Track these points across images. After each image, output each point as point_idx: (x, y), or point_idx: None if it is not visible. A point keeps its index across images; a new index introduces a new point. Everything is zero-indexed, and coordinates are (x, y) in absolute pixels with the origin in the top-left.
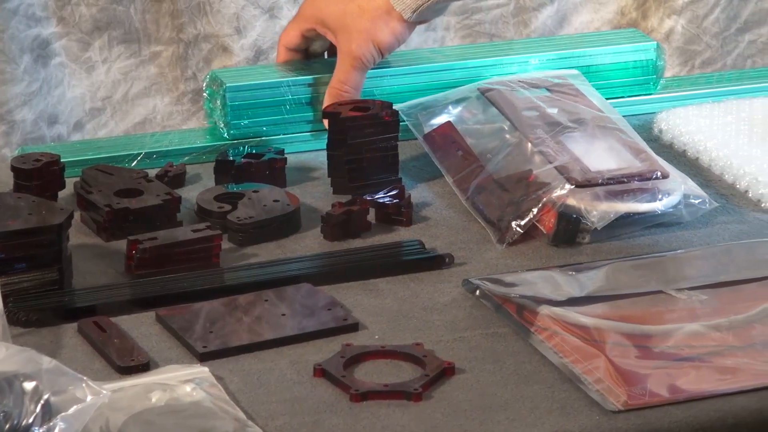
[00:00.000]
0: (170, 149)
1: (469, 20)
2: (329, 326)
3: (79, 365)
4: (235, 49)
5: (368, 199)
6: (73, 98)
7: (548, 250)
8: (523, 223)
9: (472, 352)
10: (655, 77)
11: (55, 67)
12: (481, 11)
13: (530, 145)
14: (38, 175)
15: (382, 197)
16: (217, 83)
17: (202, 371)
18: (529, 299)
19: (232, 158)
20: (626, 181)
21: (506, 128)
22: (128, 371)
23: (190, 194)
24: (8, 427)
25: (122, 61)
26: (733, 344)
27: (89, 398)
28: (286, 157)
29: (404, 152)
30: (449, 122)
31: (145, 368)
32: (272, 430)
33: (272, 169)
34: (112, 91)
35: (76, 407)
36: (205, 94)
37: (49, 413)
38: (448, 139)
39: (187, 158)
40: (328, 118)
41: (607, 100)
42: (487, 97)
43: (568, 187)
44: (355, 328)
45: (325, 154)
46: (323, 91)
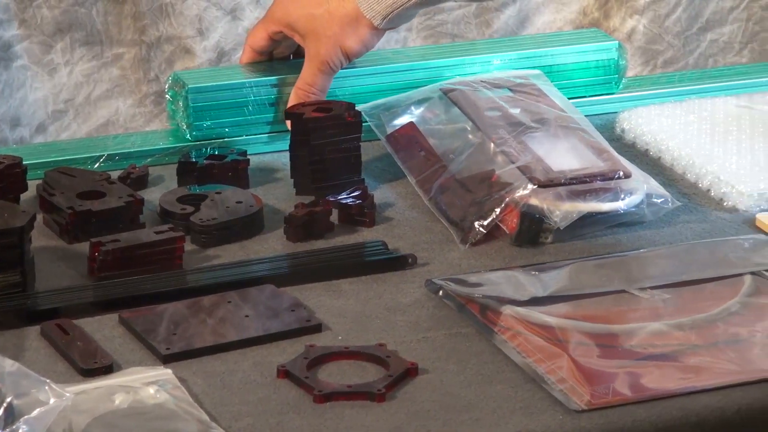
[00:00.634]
0: (133, 151)
1: (431, 21)
2: (293, 327)
3: (42, 368)
4: (197, 50)
5: (331, 200)
6: (35, 101)
7: (511, 250)
8: (485, 223)
9: (435, 352)
10: (617, 77)
11: (17, 69)
12: (443, 12)
13: (493, 145)
14: (0, 177)
15: (345, 198)
16: (179, 85)
17: (165, 373)
18: (492, 299)
19: (194, 160)
20: (589, 180)
21: (469, 128)
22: (91, 374)
23: (152, 196)
24: None
25: (84, 63)
26: (695, 343)
27: (52, 401)
28: (248, 158)
29: (367, 153)
30: (412, 123)
31: (108, 370)
32: (236, 431)
33: (235, 170)
34: (74, 93)
35: (39, 410)
36: (167, 95)
37: (12, 416)
38: (410, 139)
39: (149, 160)
40: (290, 119)
41: (569, 99)
42: (449, 97)
43: (530, 187)
44: (318, 329)
45: (287, 155)
46: (286, 92)
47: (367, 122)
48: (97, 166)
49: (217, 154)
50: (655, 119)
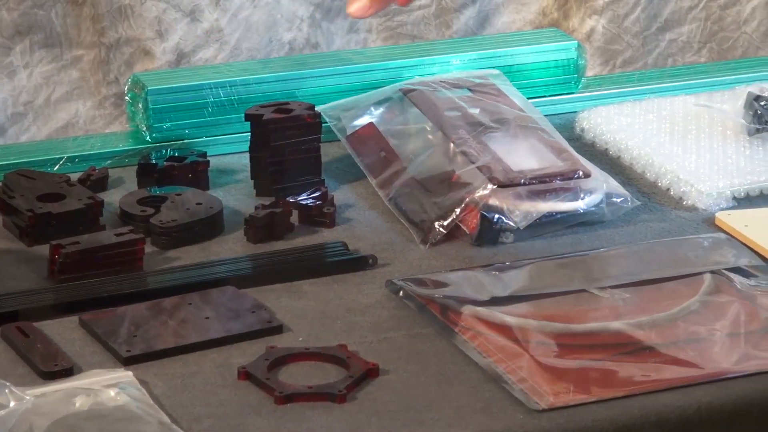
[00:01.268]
0: (92, 153)
1: (391, 22)
2: (253, 329)
3: (1, 371)
4: (156, 52)
5: (291, 200)
6: None
7: (471, 250)
8: (446, 223)
9: (395, 353)
10: (576, 76)
11: None
12: (403, 13)
13: (452, 145)
14: None
15: (305, 199)
16: (139, 87)
17: (126, 375)
18: (452, 299)
19: (154, 161)
20: (548, 180)
21: (428, 129)
22: (52, 376)
23: (112, 198)
24: None
25: (44, 65)
26: (655, 342)
27: (12, 404)
28: (208, 159)
29: (327, 154)
30: (371, 123)
31: (68, 373)
32: None
33: (195, 171)
34: (34, 95)
35: None
36: (127, 97)
37: None
38: (370, 140)
39: (109, 162)
40: (250, 120)
41: (529, 99)
42: (408, 97)
43: (490, 187)
44: (279, 330)
45: (247, 156)
46: (245, 93)
47: (327, 123)
48: (57, 168)
49: (177, 155)
50: (614, 119)
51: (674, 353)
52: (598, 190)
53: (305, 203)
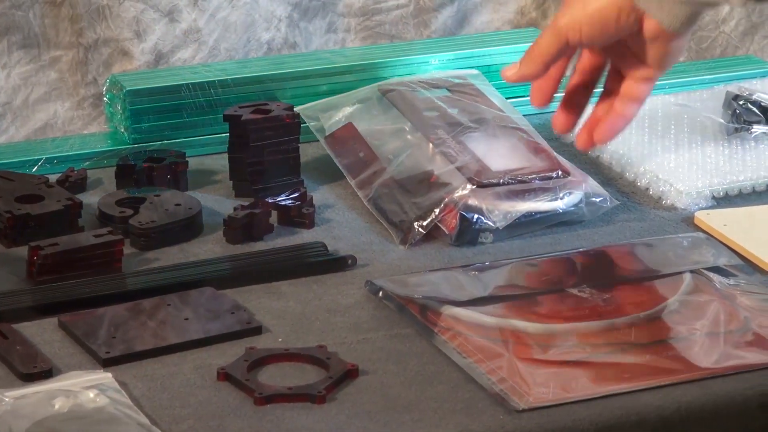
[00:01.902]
0: (71, 154)
1: (369, 21)
2: (233, 330)
3: None
4: (135, 53)
5: (270, 201)
6: None
7: (451, 250)
8: (425, 223)
9: (375, 353)
10: None
11: None
12: (381, 12)
13: (431, 145)
14: None
15: (284, 199)
16: (117, 87)
17: (105, 377)
18: (432, 300)
19: (133, 162)
20: (527, 180)
21: (407, 129)
22: (31, 378)
23: (91, 199)
24: None
25: (22, 66)
26: (635, 342)
27: None
28: (187, 160)
29: (306, 154)
30: (350, 124)
31: (47, 375)
32: None
33: (173, 172)
34: (12, 96)
35: None
36: (105, 98)
37: None
38: (349, 140)
39: (88, 163)
40: (228, 120)
41: (507, 99)
42: (387, 98)
43: (469, 187)
44: (258, 331)
45: (226, 157)
46: (224, 93)
47: (305, 123)
48: (35, 169)
49: (155, 156)
50: None
51: (654, 353)
52: (577, 189)
53: (284, 204)
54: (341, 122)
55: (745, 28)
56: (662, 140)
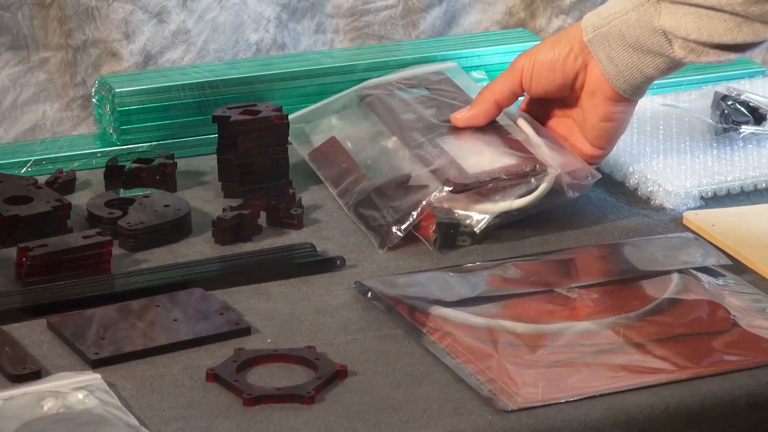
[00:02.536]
0: (60, 155)
1: (358, 22)
2: (222, 330)
3: None
4: (124, 54)
5: (259, 202)
6: None
7: (439, 251)
8: (403, 227)
9: (364, 354)
10: None
11: None
12: (369, 13)
13: (408, 149)
14: None
15: (273, 200)
16: (106, 89)
17: (94, 378)
18: (420, 300)
19: (121, 163)
20: (505, 178)
21: (386, 134)
22: (20, 379)
23: (80, 200)
24: None
25: (11, 67)
26: (624, 342)
27: None
28: (176, 161)
29: (295, 155)
30: (333, 138)
31: (36, 376)
32: None
33: (162, 173)
34: (0, 98)
35: None
36: (94, 99)
37: None
38: (332, 153)
39: (76, 164)
40: (217, 121)
41: None
42: (365, 103)
43: (446, 190)
44: (247, 332)
45: (215, 158)
46: (212, 94)
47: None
48: (24, 170)
49: (144, 157)
50: None
51: (642, 353)
52: (550, 176)
53: (273, 205)
54: (325, 133)
55: None
56: (651, 141)
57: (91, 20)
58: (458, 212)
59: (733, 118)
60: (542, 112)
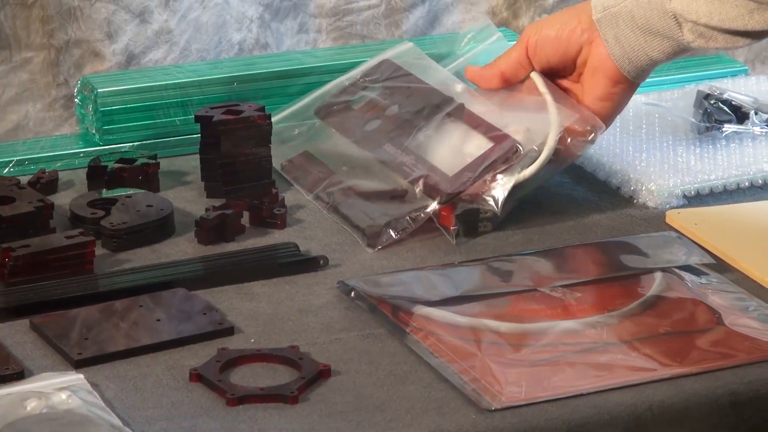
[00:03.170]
0: (42, 155)
1: (340, 22)
2: (205, 330)
3: None
4: (106, 54)
5: (242, 202)
6: None
7: (422, 250)
8: (399, 230)
9: (347, 353)
10: None
11: None
12: (352, 13)
13: (383, 164)
14: None
15: (256, 200)
16: (88, 89)
17: (77, 378)
18: (404, 300)
19: (104, 164)
20: (489, 167)
21: (357, 150)
22: (3, 380)
23: (63, 201)
24: None
25: None
26: (607, 341)
27: None
28: (158, 161)
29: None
30: (306, 151)
31: (19, 376)
32: None
33: (145, 173)
34: None
35: None
36: (76, 99)
37: None
38: (306, 165)
39: (59, 164)
40: (200, 121)
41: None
42: (326, 123)
43: (434, 205)
44: (230, 332)
45: (198, 158)
46: (194, 93)
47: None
48: (6, 171)
49: (126, 157)
50: None
51: (626, 352)
52: (550, 141)
53: (256, 204)
54: (294, 145)
55: None
56: (633, 140)
57: (73, 20)
58: (478, 202)
59: (715, 116)
60: None
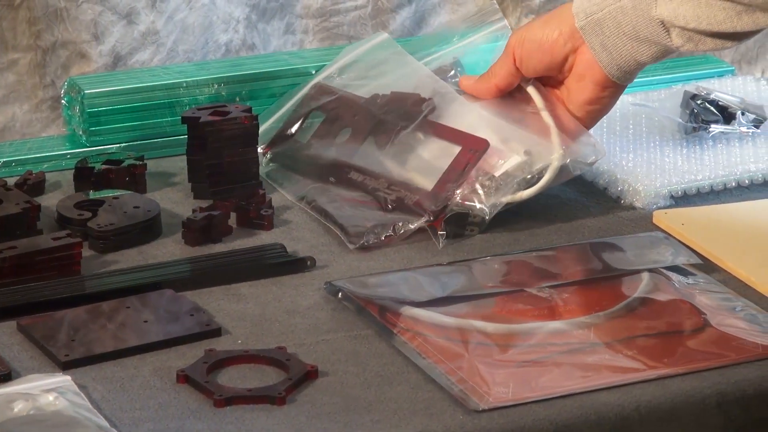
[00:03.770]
0: (29, 157)
1: (327, 23)
2: (192, 332)
3: None
4: (93, 55)
5: (229, 203)
6: None
7: (410, 251)
8: (387, 234)
9: (335, 354)
10: None
11: None
12: (339, 13)
13: (362, 196)
14: None
15: (243, 201)
16: (75, 90)
17: (64, 380)
18: (391, 300)
19: (91, 165)
20: (466, 169)
21: (333, 182)
22: None
23: (50, 202)
24: None
25: None
26: (594, 341)
27: None
28: (145, 162)
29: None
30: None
31: (6, 378)
32: None
33: (132, 175)
34: None
35: None
36: (63, 101)
37: None
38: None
39: (46, 166)
40: (187, 122)
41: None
42: (289, 169)
43: (423, 220)
44: (218, 333)
45: (185, 159)
46: (182, 94)
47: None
48: None
49: (113, 159)
50: None
51: (613, 352)
52: (554, 164)
53: (243, 205)
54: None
55: None
56: (620, 140)
57: (60, 21)
58: (468, 208)
59: (702, 117)
60: None
